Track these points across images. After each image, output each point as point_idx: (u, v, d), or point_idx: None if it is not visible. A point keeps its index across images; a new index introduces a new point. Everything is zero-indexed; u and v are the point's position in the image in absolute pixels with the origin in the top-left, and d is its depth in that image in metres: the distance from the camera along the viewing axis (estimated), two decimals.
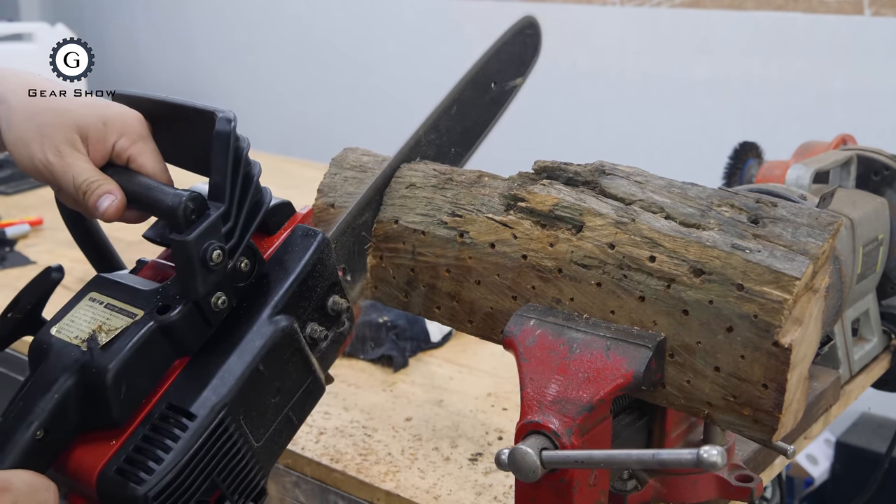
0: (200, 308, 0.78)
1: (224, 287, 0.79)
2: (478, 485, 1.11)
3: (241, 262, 0.81)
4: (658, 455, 0.75)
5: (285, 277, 0.83)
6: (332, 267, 0.86)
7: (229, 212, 0.79)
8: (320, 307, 0.85)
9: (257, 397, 0.80)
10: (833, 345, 1.25)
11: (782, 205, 0.84)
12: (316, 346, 0.85)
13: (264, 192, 0.84)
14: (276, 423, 0.82)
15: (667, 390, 0.86)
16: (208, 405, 0.76)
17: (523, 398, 0.84)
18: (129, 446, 0.75)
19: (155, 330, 0.77)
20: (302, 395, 0.84)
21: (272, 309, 0.81)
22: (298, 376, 0.83)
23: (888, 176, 1.33)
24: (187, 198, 0.77)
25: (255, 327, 0.80)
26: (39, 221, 2.01)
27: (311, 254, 0.84)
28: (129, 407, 0.76)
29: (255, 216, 0.82)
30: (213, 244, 0.77)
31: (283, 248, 0.85)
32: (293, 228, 0.87)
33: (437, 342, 1.46)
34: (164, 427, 0.76)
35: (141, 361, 0.76)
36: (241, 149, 0.80)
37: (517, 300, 0.93)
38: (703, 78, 2.71)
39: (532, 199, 0.93)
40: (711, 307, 0.81)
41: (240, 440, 0.78)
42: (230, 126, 0.78)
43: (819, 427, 1.23)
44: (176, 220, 0.77)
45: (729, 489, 0.99)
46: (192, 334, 0.79)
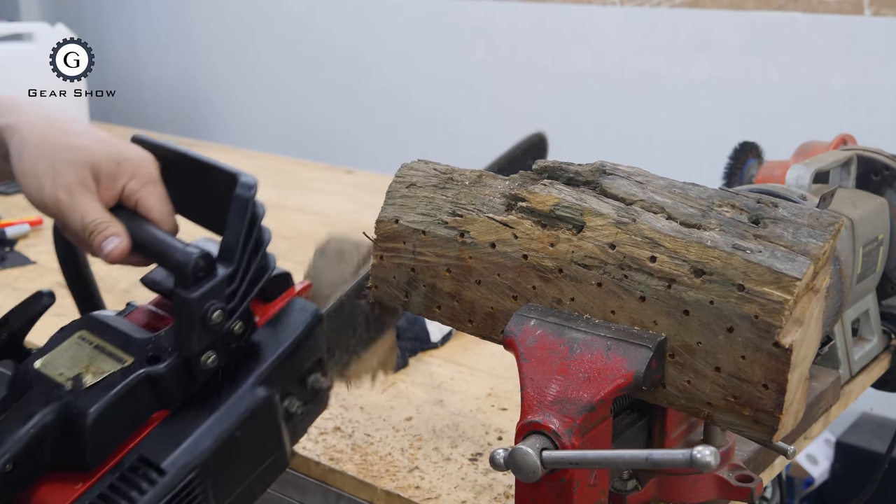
0: (190, 364, 0.78)
1: (216, 347, 0.79)
2: (478, 485, 1.11)
3: (236, 325, 0.81)
4: (651, 456, 0.75)
5: (276, 348, 0.83)
6: (321, 344, 0.87)
7: (235, 274, 0.79)
8: (301, 382, 0.86)
9: (228, 463, 0.79)
10: (833, 345, 1.25)
11: (783, 205, 0.84)
12: (290, 420, 0.86)
13: (270, 258, 0.84)
14: (237, 490, 0.82)
15: (667, 390, 0.86)
16: (180, 464, 0.76)
17: (523, 398, 0.84)
18: (93, 493, 0.74)
19: (142, 379, 0.77)
20: (267, 468, 0.84)
21: (257, 378, 0.81)
22: (268, 448, 0.84)
23: (888, 176, 1.33)
24: (198, 255, 0.77)
25: (238, 393, 0.80)
26: (39, 221, 2.01)
27: (304, 328, 0.85)
28: (102, 452, 0.76)
29: (259, 282, 0.82)
30: (216, 304, 0.77)
31: (277, 318, 0.86)
32: (290, 300, 0.88)
33: (437, 342, 1.46)
34: (133, 479, 0.75)
35: (123, 408, 0.76)
36: (258, 215, 0.81)
37: (518, 300, 0.93)
38: (703, 78, 2.71)
39: (533, 198, 0.93)
40: (712, 307, 0.81)
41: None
42: (251, 192, 0.79)
43: (819, 427, 1.23)
44: (184, 276, 0.77)
45: (729, 489, 0.99)
46: (177, 388, 0.79)
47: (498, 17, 3.02)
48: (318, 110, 3.58)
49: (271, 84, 3.74)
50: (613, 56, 2.86)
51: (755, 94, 2.63)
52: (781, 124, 2.53)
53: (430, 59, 3.18)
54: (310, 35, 3.57)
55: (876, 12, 2.41)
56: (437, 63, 3.15)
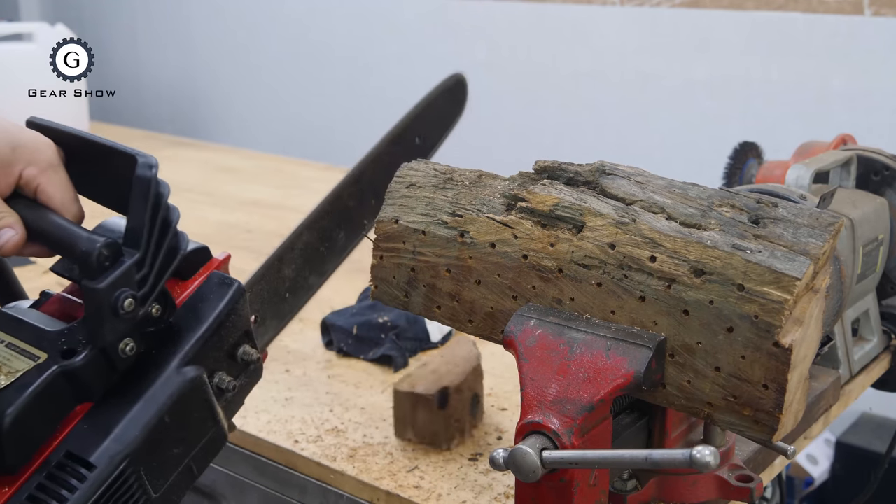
0: (107, 354, 0.76)
1: (133, 333, 0.77)
2: (478, 485, 1.11)
3: (153, 308, 0.79)
4: (651, 456, 0.75)
5: (197, 327, 0.81)
6: (246, 316, 0.84)
7: (144, 259, 0.77)
8: (230, 356, 0.84)
9: (160, 448, 0.78)
10: (833, 345, 1.25)
11: (783, 205, 0.84)
12: (223, 396, 0.83)
13: (181, 237, 0.81)
14: (175, 473, 0.80)
15: (667, 390, 0.86)
16: (109, 455, 0.73)
17: (523, 398, 0.84)
18: (21, 495, 0.72)
19: (58, 375, 0.74)
20: (205, 446, 0.82)
21: (182, 359, 0.79)
22: (203, 427, 0.82)
23: (888, 176, 1.33)
24: (102, 245, 0.74)
25: (163, 377, 0.78)
26: None
27: (226, 303, 0.82)
28: (25, 453, 0.73)
29: (171, 263, 0.79)
30: (126, 292, 0.75)
31: (196, 296, 0.83)
32: (209, 276, 0.85)
33: (437, 342, 1.46)
34: (61, 476, 0.73)
35: (41, 407, 0.73)
36: (162, 195, 0.77)
37: (517, 300, 0.93)
38: (703, 78, 2.71)
39: (532, 198, 0.93)
40: (712, 307, 0.81)
41: (138, 491, 0.76)
42: (151, 172, 0.76)
43: (819, 427, 1.23)
44: (89, 266, 0.74)
45: (729, 489, 0.99)
46: (97, 380, 0.76)
47: (498, 17, 3.02)
48: (318, 110, 3.58)
49: (271, 84, 3.74)
50: (613, 56, 2.86)
51: (755, 94, 2.63)
52: (781, 124, 2.53)
53: (430, 59, 3.18)
54: (310, 35, 3.57)
55: (876, 12, 2.41)
56: (437, 63, 3.15)
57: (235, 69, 3.86)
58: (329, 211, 1.11)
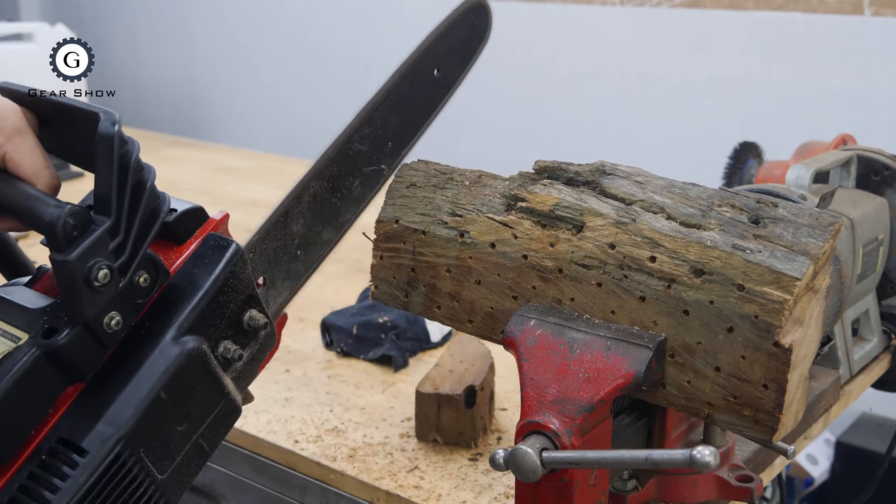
0: (91, 330, 0.71)
1: (118, 306, 0.71)
2: (478, 485, 1.11)
3: (140, 277, 0.73)
4: (651, 456, 0.75)
5: (193, 294, 0.75)
6: (248, 279, 0.78)
7: (118, 225, 0.70)
8: (235, 323, 0.78)
9: (160, 427, 0.72)
10: (833, 345, 1.25)
11: (783, 205, 0.84)
12: (230, 366, 0.78)
13: (162, 198, 0.74)
14: (183, 452, 0.75)
15: (667, 390, 0.86)
16: (101, 439, 0.69)
17: (523, 398, 0.84)
18: (12, 486, 0.68)
19: (39, 356, 0.69)
20: (214, 420, 0.77)
21: (177, 329, 0.73)
22: (209, 400, 0.76)
23: (888, 176, 1.33)
24: (67, 212, 0.68)
25: (157, 350, 0.72)
26: None
27: (223, 267, 0.76)
28: (12, 442, 0.69)
29: (151, 227, 0.73)
30: (99, 263, 0.69)
31: (192, 261, 0.77)
32: (204, 238, 0.79)
33: (437, 342, 1.46)
34: (53, 464, 0.69)
35: (24, 392, 0.69)
36: (129, 153, 0.71)
37: (517, 300, 0.93)
38: (703, 78, 2.71)
39: (532, 199, 0.93)
40: (712, 307, 0.81)
41: (140, 474, 0.71)
42: (114, 129, 0.70)
43: (819, 427, 1.23)
44: (55, 237, 0.68)
45: (729, 489, 0.99)
46: (84, 359, 0.71)
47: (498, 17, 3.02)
48: (318, 110, 3.58)
49: (271, 84, 3.74)
50: (613, 56, 2.86)
51: (755, 94, 2.63)
52: (781, 124, 2.53)
53: None
54: (310, 35, 3.57)
55: (876, 12, 2.41)
56: None
57: (235, 69, 3.86)
58: (337, 158, 1.00)
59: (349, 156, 0.99)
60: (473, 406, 1.17)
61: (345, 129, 1.00)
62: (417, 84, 1.02)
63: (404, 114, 0.98)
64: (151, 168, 0.73)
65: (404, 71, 1.01)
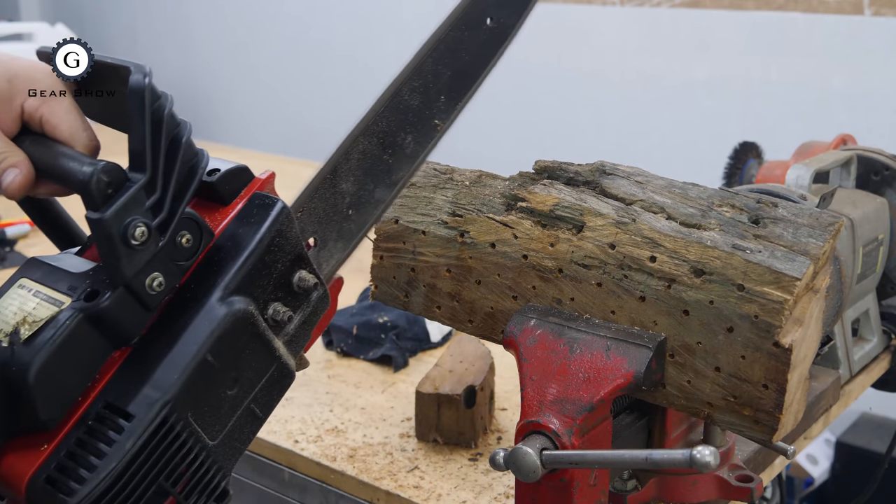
0: (133, 291, 0.69)
1: (160, 266, 0.69)
2: (478, 485, 1.11)
3: (182, 238, 0.71)
4: (651, 456, 0.75)
5: (238, 254, 0.72)
6: (296, 239, 0.76)
7: (154, 182, 0.68)
8: (284, 285, 0.75)
9: (208, 391, 0.70)
10: (833, 345, 1.25)
11: (783, 205, 0.84)
12: (281, 329, 0.75)
13: (200, 154, 0.73)
14: (235, 417, 0.73)
15: (667, 390, 0.86)
16: (147, 403, 0.67)
17: (523, 398, 0.84)
18: (60, 451, 0.67)
19: (81, 320, 0.67)
20: (266, 385, 0.75)
21: (223, 290, 0.71)
22: (259, 364, 0.74)
23: (888, 176, 1.33)
24: (100, 169, 0.66)
25: (202, 312, 0.70)
26: None
27: (269, 226, 0.74)
28: (59, 407, 0.68)
29: (190, 184, 0.71)
30: (136, 220, 0.67)
31: (237, 221, 0.75)
32: (250, 197, 0.76)
33: (437, 342, 1.46)
34: (100, 429, 0.67)
35: (68, 356, 0.67)
36: (162, 107, 0.69)
37: (518, 300, 0.93)
38: (703, 78, 2.71)
39: (532, 198, 0.93)
40: (712, 307, 0.81)
41: (190, 439, 0.69)
42: (145, 82, 0.68)
43: (819, 427, 1.23)
44: (89, 195, 0.67)
45: (729, 489, 0.99)
46: (128, 322, 0.69)
47: None
48: (318, 110, 3.58)
49: (271, 84, 3.74)
50: (613, 56, 2.86)
51: (755, 94, 2.63)
52: (781, 124, 2.53)
53: None
54: (310, 35, 3.57)
55: (876, 12, 2.41)
56: None
57: (235, 69, 3.86)
58: (386, 112, 0.94)
59: (399, 110, 0.94)
60: (473, 406, 1.17)
61: (393, 81, 0.95)
62: (469, 33, 0.97)
63: (457, 66, 0.93)
64: (187, 123, 0.72)
65: (454, 20, 0.95)
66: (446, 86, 0.95)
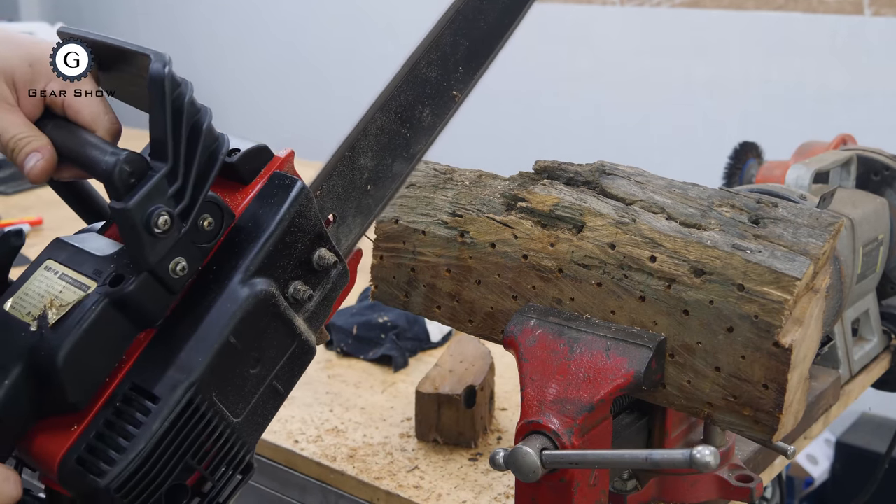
0: (157, 276, 0.70)
1: (182, 251, 0.70)
2: (478, 484, 1.11)
3: (203, 221, 0.72)
4: (651, 456, 0.75)
5: (259, 235, 0.74)
6: (315, 217, 0.77)
7: (176, 170, 0.69)
8: (304, 263, 0.76)
9: (232, 371, 0.72)
10: (833, 345, 1.25)
11: (783, 205, 0.84)
12: (301, 307, 0.76)
13: (220, 139, 0.73)
14: (258, 394, 0.74)
15: (667, 390, 0.86)
16: (173, 385, 0.69)
17: (524, 398, 0.84)
18: (90, 433, 0.69)
19: (107, 305, 0.69)
20: (287, 362, 0.76)
21: (244, 272, 0.72)
22: (281, 342, 0.75)
23: (888, 176, 1.33)
24: (123, 159, 0.67)
25: (225, 294, 0.71)
26: (39, 221, 2.01)
27: (288, 206, 0.75)
28: (87, 390, 0.69)
29: (211, 170, 0.72)
30: (159, 209, 0.68)
31: (257, 201, 0.76)
32: (269, 177, 0.77)
33: (437, 342, 1.46)
34: (127, 411, 0.69)
35: (95, 340, 0.69)
36: (182, 95, 0.69)
37: (518, 300, 0.93)
38: (703, 78, 2.71)
39: (532, 198, 0.93)
40: (712, 307, 0.81)
41: (215, 418, 0.71)
42: (164, 71, 0.68)
43: (819, 427, 1.23)
44: (112, 185, 0.68)
45: (729, 489, 0.99)
46: (153, 305, 0.70)
47: None
48: (317, 110, 3.58)
49: (271, 84, 3.75)
50: (613, 56, 2.86)
51: (755, 94, 2.63)
52: (781, 124, 2.53)
53: None
54: (309, 35, 3.57)
55: (876, 12, 2.41)
56: None
57: (235, 69, 3.86)
58: (404, 86, 0.95)
59: (418, 83, 0.94)
60: (473, 406, 1.17)
61: (411, 55, 0.95)
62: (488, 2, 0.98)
63: (475, 36, 0.94)
64: (207, 109, 0.72)
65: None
66: (464, 56, 0.95)
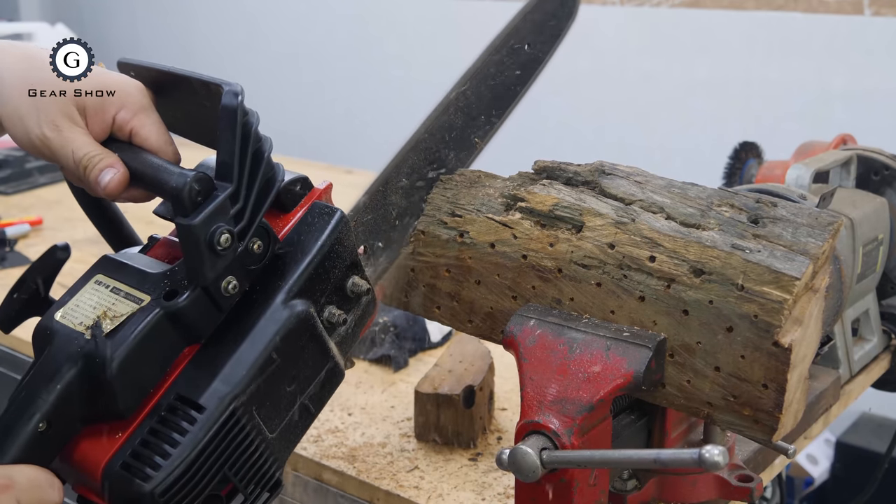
0: (210, 293, 0.74)
1: (235, 271, 0.75)
2: (478, 484, 1.11)
3: (254, 244, 0.77)
4: (659, 456, 0.75)
5: (301, 259, 0.78)
6: (352, 246, 0.82)
7: (238, 192, 0.74)
8: (339, 289, 0.81)
9: (271, 387, 0.76)
10: (833, 345, 1.25)
11: (782, 205, 0.84)
12: (335, 331, 0.81)
13: (277, 168, 0.80)
14: (291, 412, 0.78)
15: (667, 390, 0.86)
16: (218, 397, 0.72)
17: (523, 398, 0.84)
18: (135, 439, 0.72)
19: (161, 317, 0.73)
20: (320, 383, 0.80)
21: (287, 293, 0.77)
22: (315, 363, 0.79)
23: (888, 176, 1.33)
24: (192, 178, 0.72)
25: (268, 313, 0.76)
26: (39, 221, 2.01)
27: (329, 233, 0.80)
28: (135, 398, 0.73)
29: (267, 195, 0.77)
30: (221, 227, 0.73)
31: (298, 228, 0.81)
32: (310, 206, 0.82)
33: (437, 342, 1.46)
34: (172, 420, 0.72)
35: (147, 350, 0.73)
36: (250, 124, 0.76)
37: (517, 300, 0.93)
38: (703, 78, 2.71)
39: (532, 198, 0.93)
40: (711, 307, 0.81)
41: (252, 432, 0.75)
42: (237, 100, 0.74)
43: (819, 427, 1.23)
44: (181, 202, 0.72)
45: (729, 489, 0.99)
46: (202, 321, 0.75)
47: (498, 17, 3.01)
48: (317, 110, 3.59)
49: (271, 84, 3.74)
50: (613, 56, 2.86)
51: (755, 94, 2.63)
52: (781, 124, 2.53)
53: (430, 59, 3.18)
54: (310, 35, 3.57)
55: (876, 12, 2.41)
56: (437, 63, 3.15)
57: (235, 69, 3.86)
58: (433, 130, 1.02)
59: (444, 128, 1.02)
60: (472, 406, 1.17)
61: (441, 102, 1.02)
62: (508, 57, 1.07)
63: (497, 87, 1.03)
64: (269, 139, 0.78)
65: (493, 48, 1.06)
66: (486, 106, 1.05)
